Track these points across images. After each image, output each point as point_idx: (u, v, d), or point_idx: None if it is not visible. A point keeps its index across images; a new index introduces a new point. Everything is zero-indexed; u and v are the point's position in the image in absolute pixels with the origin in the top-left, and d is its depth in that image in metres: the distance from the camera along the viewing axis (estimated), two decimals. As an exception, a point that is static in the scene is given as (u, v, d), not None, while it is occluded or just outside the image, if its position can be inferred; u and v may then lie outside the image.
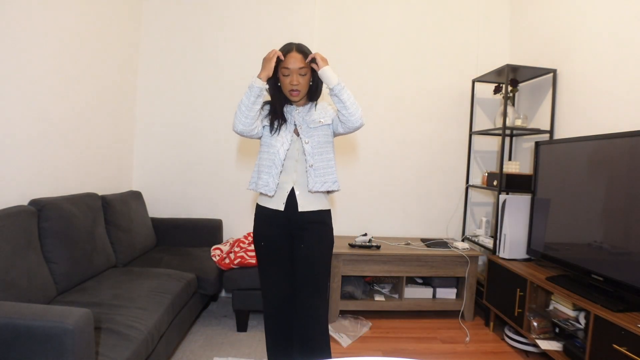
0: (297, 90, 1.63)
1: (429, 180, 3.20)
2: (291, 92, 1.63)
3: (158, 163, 3.03)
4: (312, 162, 1.65)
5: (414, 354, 2.26)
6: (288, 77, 1.62)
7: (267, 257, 1.72)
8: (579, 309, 2.00)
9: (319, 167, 1.66)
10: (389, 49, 3.12)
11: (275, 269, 1.72)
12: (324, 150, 1.68)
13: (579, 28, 2.42)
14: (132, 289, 1.86)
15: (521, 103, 3.04)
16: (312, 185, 1.63)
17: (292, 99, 1.65)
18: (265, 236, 1.71)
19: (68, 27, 2.13)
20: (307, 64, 1.62)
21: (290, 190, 1.67)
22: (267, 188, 1.64)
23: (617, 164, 1.81)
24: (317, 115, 1.70)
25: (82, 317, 1.17)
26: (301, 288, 1.68)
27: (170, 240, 2.86)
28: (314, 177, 1.64)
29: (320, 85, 1.71)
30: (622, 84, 2.09)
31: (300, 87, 1.63)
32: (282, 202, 1.67)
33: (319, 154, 1.67)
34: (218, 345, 2.23)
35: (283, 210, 1.67)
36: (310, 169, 1.65)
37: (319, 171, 1.66)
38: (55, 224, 1.81)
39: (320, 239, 1.69)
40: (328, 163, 1.69)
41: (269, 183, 1.65)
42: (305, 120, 1.69)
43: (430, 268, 2.68)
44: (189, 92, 3.02)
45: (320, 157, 1.67)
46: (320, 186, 1.65)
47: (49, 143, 2.04)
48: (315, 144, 1.66)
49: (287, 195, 1.67)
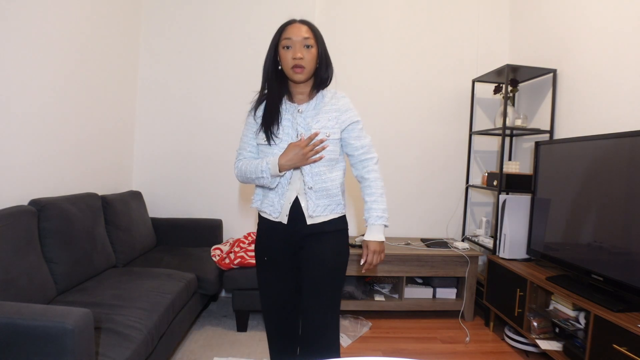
0: (301, 66, 1.32)
1: (429, 180, 3.20)
2: (294, 69, 1.32)
3: (158, 163, 3.03)
4: (312, 184, 1.36)
5: (413, 354, 2.26)
6: (290, 51, 1.32)
7: (270, 272, 1.48)
8: (579, 309, 2.00)
9: (320, 189, 1.37)
10: (388, 49, 3.11)
11: (280, 285, 1.48)
12: (327, 169, 1.38)
13: (579, 28, 2.42)
14: (132, 289, 1.85)
15: (521, 103, 3.04)
16: (312, 210, 1.37)
17: (295, 77, 1.34)
18: (268, 249, 1.47)
19: (68, 26, 2.13)
20: (314, 41, 1.34)
21: (293, 201, 1.40)
22: (272, 209, 1.40)
23: (617, 164, 1.81)
24: (324, 123, 1.37)
25: (82, 317, 1.17)
26: (310, 306, 1.41)
27: (170, 240, 2.86)
28: (314, 200, 1.37)
29: (331, 67, 1.41)
30: (622, 84, 2.09)
31: (305, 63, 1.33)
32: (285, 214, 1.40)
33: (321, 173, 1.37)
34: (218, 345, 2.23)
35: (287, 223, 1.41)
36: (310, 192, 1.36)
37: (320, 193, 1.38)
38: (55, 224, 1.81)
39: (333, 250, 1.42)
40: (332, 184, 1.39)
41: (274, 203, 1.40)
42: (309, 126, 1.37)
43: (430, 268, 2.68)
44: (189, 92, 3.02)
45: (322, 177, 1.37)
46: (322, 211, 1.38)
47: (49, 143, 2.04)
48: (316, 162, 1.36)
49: (289, 206, 1.40)
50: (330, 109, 1.39)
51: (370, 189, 1.43)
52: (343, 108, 1.41)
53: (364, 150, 1.44)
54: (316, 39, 1.36)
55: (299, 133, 1.36)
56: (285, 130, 1.37)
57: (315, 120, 1.37)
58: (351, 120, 1.41)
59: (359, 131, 1.43)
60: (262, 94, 1.44)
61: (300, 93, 1.42)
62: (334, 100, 1.41)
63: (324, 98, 1.41)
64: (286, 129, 1.37)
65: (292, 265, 1.47)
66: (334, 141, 1.38)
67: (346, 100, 1.43)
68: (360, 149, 1.43)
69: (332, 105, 1.40)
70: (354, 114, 1.43)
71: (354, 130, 1.42)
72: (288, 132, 1.37)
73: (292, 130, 1.37)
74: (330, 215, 1.41)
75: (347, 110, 1.41)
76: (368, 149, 1.45)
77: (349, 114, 1.41)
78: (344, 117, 1.40)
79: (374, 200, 1.41)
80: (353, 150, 1.44)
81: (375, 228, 1.41)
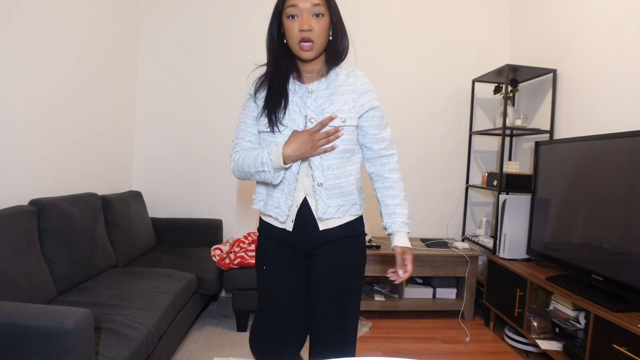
0: (309, 40, 1.08)
1: (429, 180, 3.19)
2: (301, 45, 1.09)
3: (158, 163, 3.03)
4: (323, 180, 1.14)
5: (414, 354, 2.26)
6: (296, 21, 1.08)
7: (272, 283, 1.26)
8: (579, 309, 2.00)
9: (332, 187, 1.15)
10: (388, 49, 3.11)
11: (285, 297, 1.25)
12: (341, 162, 1.16)
13: (579, 28, 2.42)
14: (132, 289, 1.85)
15: (521, 103, 3.04)
16: (323, 212, 1.15)
17: (303, 55, 1.11)
18: (270, 260, 1.25)
19: (68, 26, 2.12)
20: (326, 8, 1.10)
21: (301, 203, 1.17)
22: (278, 211, 1.18)
23: (617, 164, 1.81)
24: (339, 106, 1.14)
25: (82, 317, 1.17)
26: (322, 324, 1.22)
27: (170, 240, 2.86)
28: (324, 199, 1.15)
29: (347, 38, 1.18)
30: (622, 84, 2.09)
31: (315, 36, 1.09)
32: (291, 220, 1.18)
33: (334, 167, 1.15)
34: (218, 345, 2.23)
35: (292, 230, 1.18)
36: (320, 190, 1.14)
37: (332, 191, 1.15)
38: (55, 224, 1.81)
39: (350, 263, 1.22)
40: (346, 180, 1.17)
41: (280, 204, 1.17)
42: (322, 109, 1.14)
43: (430, 268, 2.68)
44: (189, 92, 3.02)
45: (335, 171, 1.15)
46: (334, 212, 1.16)
47: (49, 143, 2.04)
48: (328, 152, 1.13)
49: (296, 209, 1.17)
50: (347, 89, 1.16)
51: (393, 191, 1.25)
52: (362, 89, 1.18)
53: (385, 144, 1.24)
54: (328, 5, 1.11)
55: (309, 118, 1.13)
56: (292, 116, 1.14)
57: (328, 102, 1.14)
58: (371, 104, 1.19)
59: (380, 119, 1.23)
60: (266, 73, 1.21)
61: (310, 71, 1.19)
62: (351, 79, 1.18)
63: (338, 76, 1.18)
64: (293, 113, 1.14)
65: (300, 277, 1.26)
66: (350, 129, 1.15)
67: (365, 80, 1.20)
68: (381, 142, 1.23)
69: (349, 85, 1.17)
70: (374, 97, 1.21)
71: (374, 118, 1.21)
72: (295, 117, 1.14)
73: (299, 116, 1.14)
74: (345, 218, 1.20)
75: (367, 92, 1.19)
76: (390, 143, 1.26)
77: (368, 97, 1.19)
78: (363, 100, 1.18)
79: (397, 204, 1.24)
80: (372, 143, 1.23)
81: (402, 235, 1.24)
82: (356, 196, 1.21)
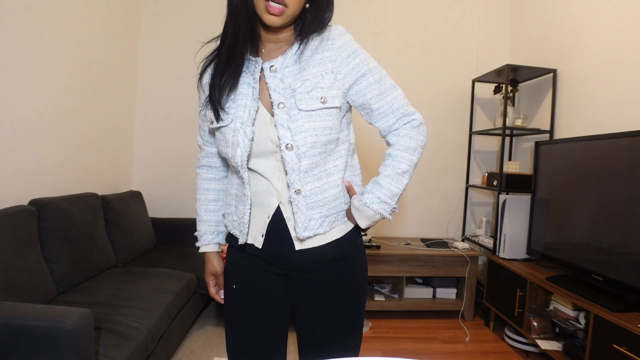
0: (281, 3, 0.79)
1: (429, 180, 3.19)
2: (268, 5, 0.78)
3: (158, 163, 3.03)
4: (300, 185, 0.85)
5: (414, 354, 2.26)
6: None
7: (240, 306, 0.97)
8: (579, 309, 2.00)
9: (312, 193, 0.86)
10: (388, 49, 3.11)
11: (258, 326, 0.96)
12: (321, 158, 0.86)
13: (579, 28, 2.42)
14: (132, 289, 1.86)
15: (521, 103, 3.04)
16: (303, 227, 0.86)
17: (267, 18, 0.80)
18: (237, 278, 0.97)
19: (68, 27, 2.13)
20: None
21: (273, 213, 0.89)
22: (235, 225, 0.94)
23: (617, 164, 1.81)
24: (315, 82, 0.83)
25: (82, 317, 1.17)
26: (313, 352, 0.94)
27: (170, 240, 2.86)
28: (304, 210, 0.86)
29: (331, 7, 0.89)
30: (622, 84, 2.09)
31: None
32: (260, 234, 0.90)
33: (313, 166, 0.85)
34: (218, 345, 2.23)
35: (261, 248, 0.91)
36: (298, 198, 0.85)
37: (312, 199, 0.86)
38: (55, 224, 1.81)
39: (344, 291, 0.92)
40: (328, 180, 0.88)
41: (237, 214, 0.92)
42: (292, 90, 0.83)
43: (430, 268, 2.68)
44: (189, 92, 3.02)
45: (315, 171, 0.86)
46: (317, 226, 0.87)
47: (49, 143, 2.04)
48: (305, 146, 0.83)
49: (267, 222, 0.90)
50: (322, 58, 0.85)
51: (392, 160, 0.91)
52: (344, 52, 0.85)
53: (395, 116, 0.91)
54: None
55: (277, 103, 0.82)
56: (241, 101, 0.85)
57: (300, 80, 0.83)
58: (360, 70, 0.86)
59: (379, 84, 0.88)
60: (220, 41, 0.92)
61: (274, 41, 0.88)
62: (326, 43, 0.85)
63: (308, 44, 0.86)
64: (241, 98, 0.85)
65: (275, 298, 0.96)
66: (332, 111, 0.84)
67: (345, 39, 0.87)
68: (389, 114, 0.91)
69: (325, 51, 0.85)
70: (364, 57, 0.87)
71: (370, 87, 0.88)
72: (245, 103, 0.85)
73: (251, 100, 0.84)
74: (331, 233, 0.90)
75: (350, 54, 0.86)
76: (403, 109, 0.91)
77: (354, 60, 0.86)
78: (345, 67, 0.85)
79: (387, 174, 0.90)
80: (379, 118, 0.91)
81: (366, 212, 0.89)
82: (342, 201, 0.91)
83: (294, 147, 0.82)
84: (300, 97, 0.82)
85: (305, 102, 0.82)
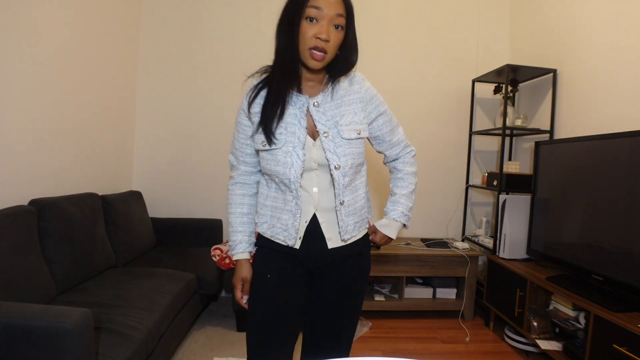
0: (323, 50, 0.98)
1: (429, 180, 3.19)
2: (312, 53, 0.98)
3: (158, 163, 3.03)
4: (343, 198, 1.09)
5: (414, 354, 2.26)
6: (314, 25, 0.97)
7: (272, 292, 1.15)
8: (579, 309, 2.00)
9: (350, 203, 1.11)
10: (388, 49, 3.11)
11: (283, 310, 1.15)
12: (354, 177, 1.12)
13: (579, 28, 2.42)
14: (132, 289, 1.86)
15: (521, 103, 3.04)
16: (345, 231, 1.11)
17: (310, 63, 1.00)
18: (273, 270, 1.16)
19: (68, 28, 2.13)
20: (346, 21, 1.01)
21: (310, 219, 1.10)
22: (287, 234, 1.10)
23: (617, 164, 1.81)
24: (351, 117, 1.08)
25: (82, 317, 1.17)
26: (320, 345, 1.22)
27: (170, 240, 2.86)
28: (344, 217, 1.09)
29: (356, 54, 1.07)
30: (622, 84, 2.09)
31: (329, 47, 0.99)
32: (299, 237, 1.11)
33: (350, 181, 1.10)
34: (218, 345, 2.23)
35: (299, 248, 1.11)
36: (341, 207, 1.09)
37: (350, 208, 1.11)
38: (55, 224, 1.81)
39: (355, 280, 1.19)
40: (358, 193, 1.14)
41: (287, 226, 1.09)
42: (335, 122, 1.06)
43: (430, 268, 2.68)
44: (189, 91, 3.02)
45: (350, 187, 1.11)
46: (352, 230, 1.13)
47: (49, 143, 2.04)
48: (347, 167, 1.06)
49: (305, 226, 1.10)
50: (353, 98, 1.09)
51: (403, 182, 1.24)
52: (367, 96, 1.11)
53: (401, 146, 1.23)
54: (349, 20, 1.02)
55: (323, 132, 1.05)
56: (290, 129, 1.05)
57: (339, 115, 1.07)
58: (379, 111, 1.14)
59: (390, 122, 1.18)
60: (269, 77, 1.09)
61: (312, 80, 1.09)
62: (354, 86, 1.11)
63: (340, 85, 1.10)
64: (291, 126, 1.05)
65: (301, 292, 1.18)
66: (362, 141, 1.10)
67: (368, 85, 1.13)
68: (396, 145, 1.22)
69: (355, 94, 1.10)
70: (380, 101, 1.15)
71: (385, 124, 1.17)
72: (294, 130, 1.04)
73: (299, 129, 1.04)
74: (359, 235, 1.17)
75: (372, 97, 1.13)
76: (405, 142, 1.24)
77: (375, 102, 1.13)
78: (369, 107, 1.12)
79: (404, 194, 1.23)
80: (388, 148, 1.22)
81: (395, 225, 1.23)
82: (366, 210, 1.19)
83: (340, 167, 1.05)
84: (342, 129, 1.06)
85: (347, 132, 1.06)
